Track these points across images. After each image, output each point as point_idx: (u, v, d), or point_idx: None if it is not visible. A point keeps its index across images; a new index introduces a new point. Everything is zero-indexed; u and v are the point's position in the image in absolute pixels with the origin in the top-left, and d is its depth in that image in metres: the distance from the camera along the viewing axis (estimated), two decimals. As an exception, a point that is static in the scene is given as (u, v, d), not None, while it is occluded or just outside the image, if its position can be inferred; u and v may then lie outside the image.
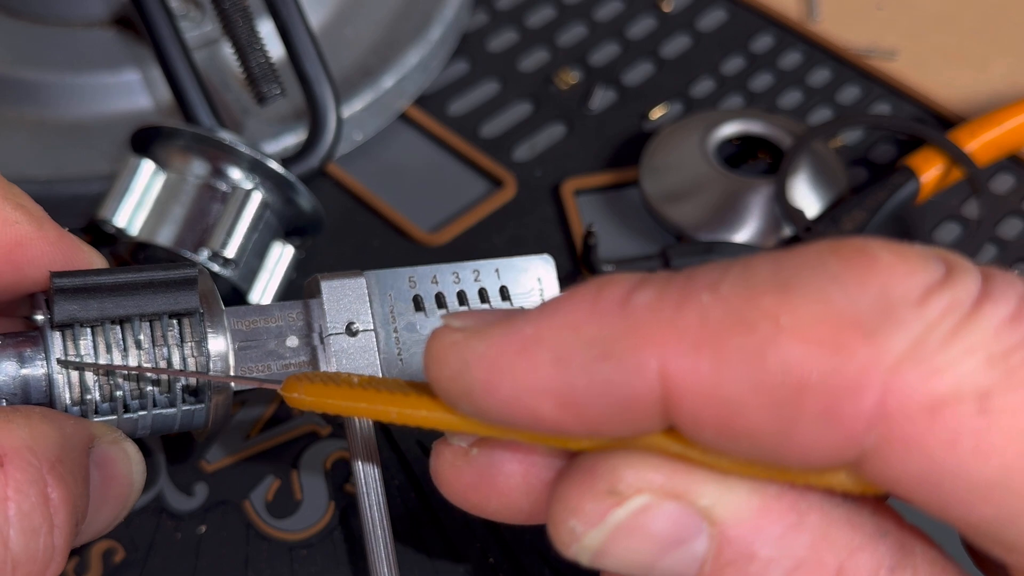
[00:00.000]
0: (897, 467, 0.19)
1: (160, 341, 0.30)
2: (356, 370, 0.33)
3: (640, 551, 0.22)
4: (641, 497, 0.21)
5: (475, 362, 0.21)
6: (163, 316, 0.30)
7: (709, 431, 0.20)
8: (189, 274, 0.30)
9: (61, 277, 0.29)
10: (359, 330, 0.33)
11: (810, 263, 0.20)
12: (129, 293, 0.29)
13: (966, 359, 0.19)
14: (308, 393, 0.27)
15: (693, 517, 0.21)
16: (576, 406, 0.21)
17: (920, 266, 0.20)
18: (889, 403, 0.19)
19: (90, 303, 0.29)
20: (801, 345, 0.19)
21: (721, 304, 0.20)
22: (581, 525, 0.22)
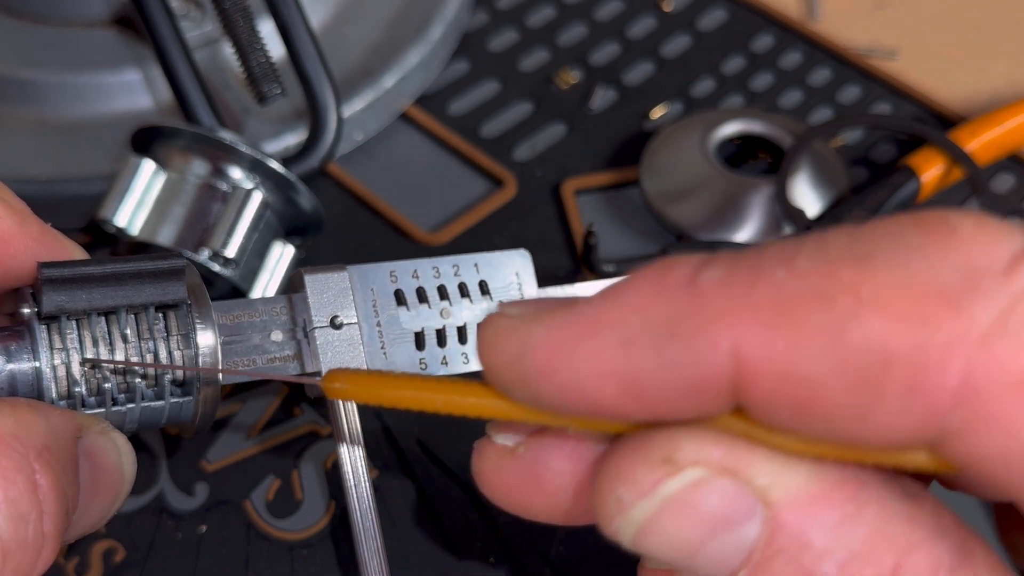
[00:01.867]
0: (980, 445, 0.18)
1: (147, 334, 0.30)
2: (342, 363, 0.33)
3: (688, 531, 0.21)
4: (697, 470, 0.20)
5: (534, 347, 0.20)
6: (150, 308, 0.30)
7: (784, 411, 0.19)
8: (176, 264, 0.30)
9: (50, 267, 0.29)
10: (343, 323, 0.33)
11: (889, 235, 0.19)
12: (117, 284, 0.29)
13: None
14: (352, 383, 0.26)
15: (748, 498, 0.20)
16: (641, 389, 0.20)
17: (1003, 237, 0.19)
18: (976, 378, 0.18)
19: (78, 294, 0.29)
20: (884, 318, 0.18)
21: (797, 279, 0.19)
22: (630, 494, 0.21)
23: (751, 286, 0.19)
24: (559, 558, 0.38)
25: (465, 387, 0.23)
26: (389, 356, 0.34)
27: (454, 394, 0.23)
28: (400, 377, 0.26)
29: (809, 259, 0.19)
